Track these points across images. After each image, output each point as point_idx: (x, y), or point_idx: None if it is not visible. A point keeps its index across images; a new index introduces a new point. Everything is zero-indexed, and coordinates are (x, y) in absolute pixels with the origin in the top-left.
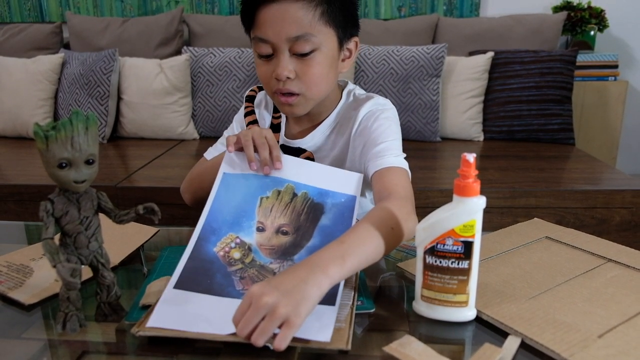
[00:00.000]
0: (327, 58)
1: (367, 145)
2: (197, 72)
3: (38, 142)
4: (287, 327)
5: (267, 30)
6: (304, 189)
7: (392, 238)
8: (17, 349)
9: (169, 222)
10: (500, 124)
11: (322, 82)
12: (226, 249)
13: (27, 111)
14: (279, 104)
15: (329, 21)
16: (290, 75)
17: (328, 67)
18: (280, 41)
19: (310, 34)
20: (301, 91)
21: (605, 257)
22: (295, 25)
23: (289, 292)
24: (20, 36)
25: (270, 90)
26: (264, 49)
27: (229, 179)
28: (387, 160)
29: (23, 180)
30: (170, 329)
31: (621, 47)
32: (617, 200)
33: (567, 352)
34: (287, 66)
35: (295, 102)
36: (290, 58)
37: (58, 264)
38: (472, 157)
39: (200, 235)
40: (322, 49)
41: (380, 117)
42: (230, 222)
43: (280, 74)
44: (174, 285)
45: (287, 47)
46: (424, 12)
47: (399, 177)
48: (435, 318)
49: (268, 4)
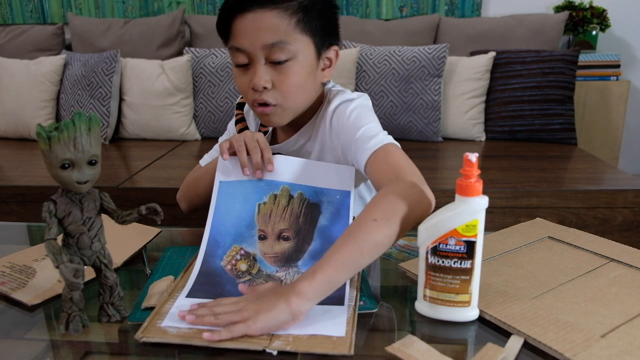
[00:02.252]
0: (304, 67)
1: (345, 141)
2: (198, 73)
3: (41, 143)
4: (243, 325)
5: (242, 40)
6: (299, 190)
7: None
8: (20, 349)
9: (171, 222)
10: (502, 124)
11: (299, 91)
12: (232, 261)
13: (29, 112)
14: (258, 114)
15: (305, 29)
16: (266, 85)
17: (305, 77)
18: (256, 49)
19: (285, 41)
20: (277, 101)
21: (608, 257)
22: (270, 32)
23: (261, 300)
24: (22, 38)
25: (249, 100)
26: (240, 58)
27: (225, 188)
28: (373, 142)
29: (25, 182)
30: (179, 328)
31: (623, 47)
32: (619, 200)
33: (570, 352)
34: (263, 76)
35: (271, 112)
36: (266, 67)
37: (61, 265)
38: (474, 156)
39: (207, 251)
40: (299, 57)
41: (347, 110)
42: (233, 233)
43: (256, 84)
44: (186, 295)
45: (262, 55)
46: (425, 12)
47: (393, 155)
48: (438, 318)
49: (243, 13)
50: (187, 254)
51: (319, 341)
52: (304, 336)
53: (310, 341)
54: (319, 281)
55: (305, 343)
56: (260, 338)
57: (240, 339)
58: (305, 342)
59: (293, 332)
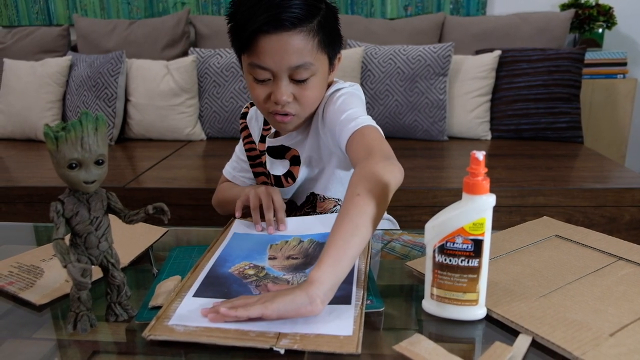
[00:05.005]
0: (321, 81)
1: (331, 124)
2: (203, 73)
3: (48, 143)
4: (260, 305)
5: (267, 60)
6: (310, 237)
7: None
8: (28, 349)
9: (177, 222)
10: (507, 123)
11: (316, 102)
12: (240, 269)
13: (35, 113)
14: (274, 122)
15: (323, 47)
16: (289, 100)
17: (321, 88)
18: (281, 70)
19: (309, 62)
20: (297, 112)
21: (616, 255)
22: (296, 55)
23: (279, 290)
24: (28, 39)
25: (265, 110)
26: (262, 75)
27: (238, 236)
28: (353, 124)
29: (32, 182)
30: (186, 326)
31: (630, 45)
32: (626, 198)
33: (579, 351)
34: (286, 91)
35: (289, 121)
36: (287, 83)
37: (69, 264)
38: (481, 155)
39: (215, 263)
40: (318, 73)
41: (334, 97)
42: (243, 256)
43: (279, 99)
44: (193, 294)
45: (286, 74)
46: (430, 11)
47: (369, 136)
48: (445, 317)
49: (268, 34)
50: (193, 254)
51: (326, 340)
52: (311, 335)
53: (318, 340)
54: (327, 263)
55: (312, 342)
56: (267, 336)
57: (247, 337)
58: (313, 340)
59: (300, 331)
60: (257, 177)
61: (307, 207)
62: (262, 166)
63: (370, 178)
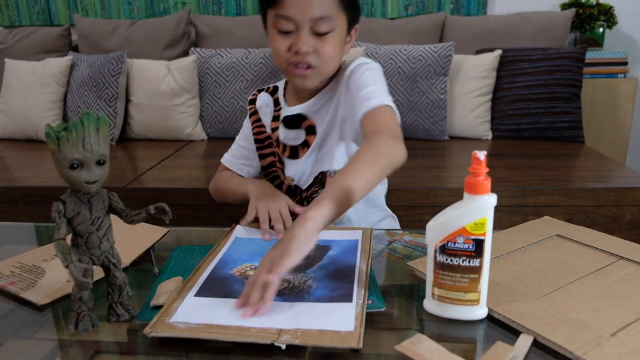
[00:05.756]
0: (339, 39)
1: (353, 93)
2: (204, 73)
3: (50, 143)
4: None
5: (292, 10)
6: None
7: (378, 169)
8: (30, 349)
9: (178, 222)
10: (508, 122)
11: (334, 59)
12: (242, 270)
13: (36, 114)
14: (292, 76)
15: (343, 6)
16: (309, 50)
17: (339, 47)
18: (304, 20)
19: (330, 16)
20: (317, 64)
21: (617, 255)
22: (319, 7)
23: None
24: (29, 39)
25: (284, 62)
26: (285, 25)
27: (240, 240)
28: (374, 101)
29: (33, 182)
30: (187, 323)
31: (630, 44)
32: (627, 198)
33: (581, 350)
34: (307, 41)
35: (309, 75)
36: (309, 35)
37: (70, 264)
38: (482, 154)
39: (217, 265)
40: (337, 30)
41: (361, 68)
42: (245, 258)
43: (301, 48)
44: (195, 294)
45: (308, 26)
46: (430, 10)
47: (385, 115)
48: (447, 316)
49: None
50: (194, 254)
51: (328, 335)
52: (313, 330)
53: (319, 335)
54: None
55: (313, 337)
56: (269, 332)
57: (248, 333)
58: (314, 336)
59: (301, 327)
60: (264, 158)
61: (315, 187)
62: (271, 147)
63: (375, 149)
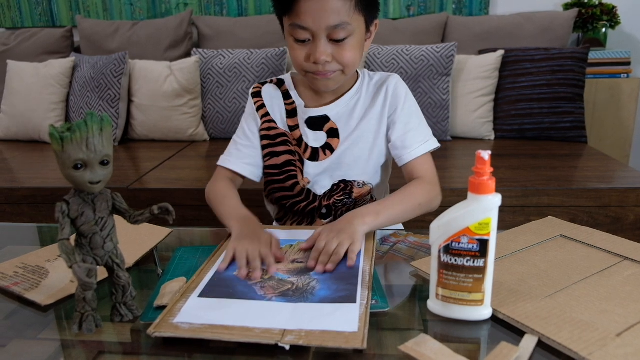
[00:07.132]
0: (358, 41)
1: (398, 118)
2: (206, 74)
3: (54, 143)
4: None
5: (307, 19)
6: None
7: (418, 210)
8: (34, 349)
9: (180, 223)
10: (511, 123)
11: (354, 62)
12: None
13: (39, 115)
14: (314, 82)
15: (360, 9)
16: (328, 59)
17: (359, 49)
18: (320, 30)
19: (347, 22)
20: (337, 69)
21: (621, 255)
22: (335, 15)
23: (342, 230)
24: (31, 41)
25: (304, 70)
26: (302, 35)
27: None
28: (417, 151)
29: (36, 184)
30: (191, 323)
31: (633, 44)
32: (631, 198)
33: (586, 351)
34: (325, 51)
35: (332, 77)
36: (326, 43)
37: (74, 265)
38: (487, 154)
39: (218, 269)
40: (355, 34)
41: (409, 96)
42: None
43: (319, 59)
44: (199, 295)
45: (325, 34)
46: (433, 11)
47: (426, 165)
48: (451, 317)
49: None
50: (198, 254)
51: (332, 336)
52: (317, 331)
53: (323, 336)
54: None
55: (317, 338)
56: (272, 333)
57: (252, 334)
58: (318, 336)
59: (305, 328)
60: (277, 156)
61: (339, 195)
62: (286, 145)
63: (427, 195)
